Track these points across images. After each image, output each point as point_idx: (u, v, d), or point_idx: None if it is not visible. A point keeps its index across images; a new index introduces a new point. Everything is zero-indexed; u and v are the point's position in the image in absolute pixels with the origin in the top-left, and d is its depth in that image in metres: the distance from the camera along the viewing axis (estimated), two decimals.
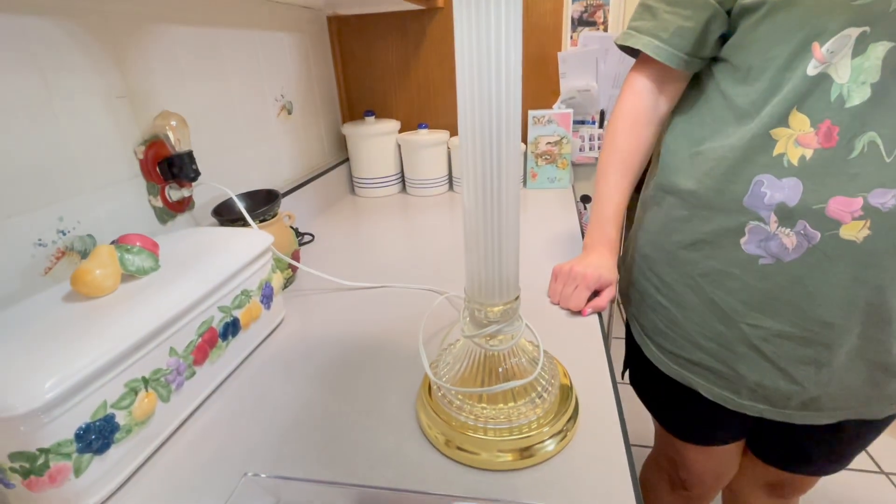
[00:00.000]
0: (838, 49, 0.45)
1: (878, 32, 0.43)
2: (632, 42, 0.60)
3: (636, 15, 0.61)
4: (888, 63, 0.43)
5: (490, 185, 0.33)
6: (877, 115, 0.44)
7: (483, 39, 0.30)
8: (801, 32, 0.46)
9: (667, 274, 0.62)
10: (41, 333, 0.38)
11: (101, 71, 0.58)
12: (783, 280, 0.51)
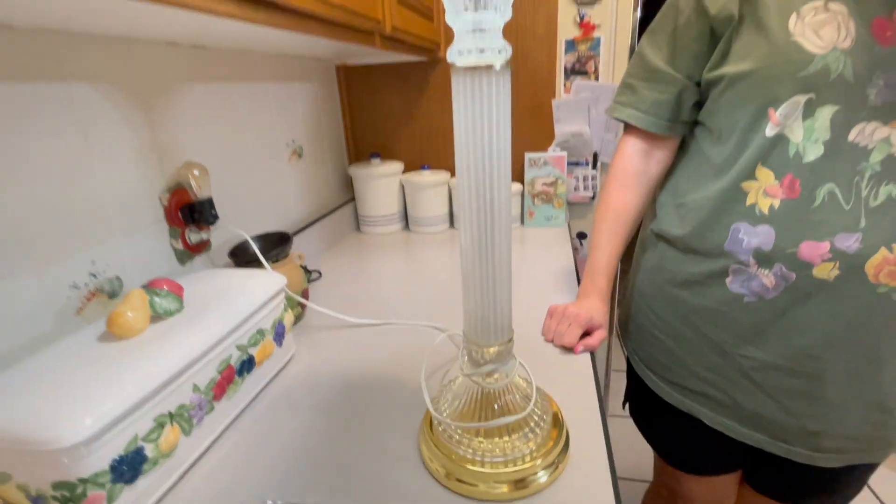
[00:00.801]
0: (790, 113, 0.50)
1: (822, 98, 0.49)
2: (617, 114, 0.68)
3: (619, 91, 0.68)
4: (835, 123, 0.49)
5: (485, 247, 0.38)
6: (832, 169, 0.50)
7: (478, 126, 0.35)
8: (757, 100, 0.52)
9: (662, 310, 0.66)
10: (81, 372, 0.42)
11: (134, 127, 0.64)
12: (768, 315, 0.56)
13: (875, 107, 0.48)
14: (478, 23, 0.34)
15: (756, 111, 0.53)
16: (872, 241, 0.49)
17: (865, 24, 0.47)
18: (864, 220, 0.49)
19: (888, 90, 0.47)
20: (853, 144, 0.49)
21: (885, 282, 0.49)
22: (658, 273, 0.67)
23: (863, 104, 0.48)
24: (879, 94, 0.47)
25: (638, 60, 0.66)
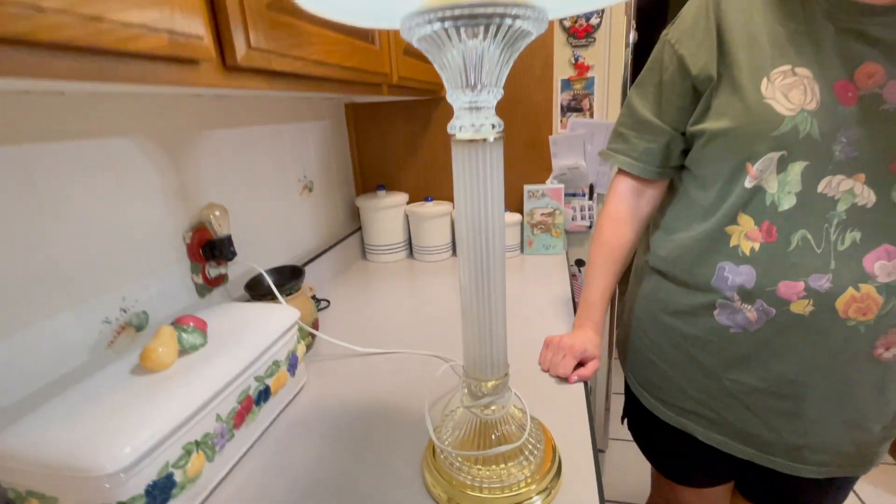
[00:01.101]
0: (766, 168, 0.56)
1: (793, 155, 0.54)
2: (611, 161, 0.74)
3: (612, 139, 0.75)
4: (805, 177, 0.54)
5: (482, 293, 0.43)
6: (804, 217, 0.55)
7: (475, 187, 0.40)
8: (736, 155, 0.58)
9: (656, 335, 0.71)
10: (118, 403, 0.47)
11: (162, 171, 0.70)
12: (752, 345, 0.61)
13: (840, 162, 0.53)
14: (474, 102, 0.40)
15: (736, 165, 0.58)
16: (841, 281, 0.54)
17: (828, 87, 0.53)
18: (833, 262, 0.54)
19: (850, 147, 0.52)
20: (822, 195, 0.54)
21: (854, 317, 0.54)
22: (652, 302, 0.72)
23: (829, 160, 0.53)
24: (843, 151, 0.53)
25: (627, 111, 0.72)
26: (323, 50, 0.54)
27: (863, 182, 0.52)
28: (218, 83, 0.40)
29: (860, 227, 0.53)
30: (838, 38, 0.53)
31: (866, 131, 0.52)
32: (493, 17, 0.34)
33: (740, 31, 0.58)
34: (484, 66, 0.38)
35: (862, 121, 0.52)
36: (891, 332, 0.54)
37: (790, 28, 0.56)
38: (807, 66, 0.54)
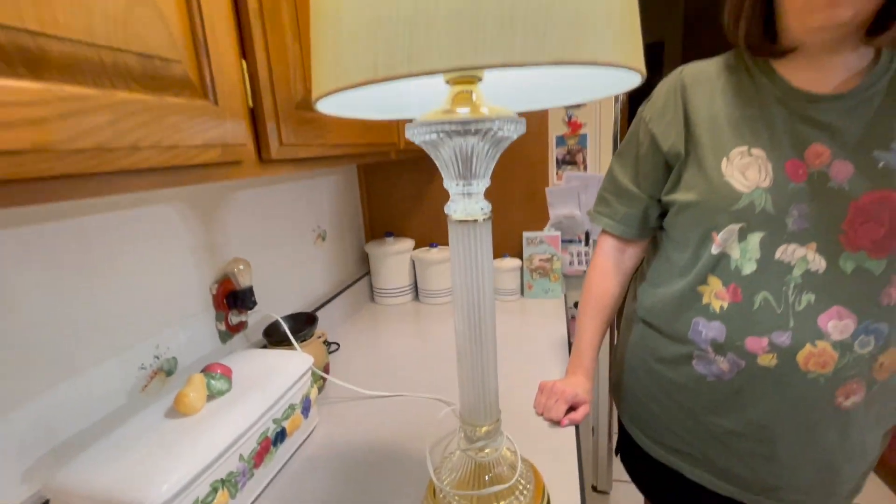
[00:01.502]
0: (728, 237, 0.63)
1: (752, 226, 0.61)
2: (596, 222, 0.82)
3: (596, 203, 0.83)
4: (763, 245, 0.61)
5: (476, 352, 0.50)
6: (764, 280, 0.61)
7: (468, 259, 0.48)
8: (703, 225, 0.65)
9: (644, 378, 0.77)
10: (156, 444, 0.53)
11: (193, 230, 0.79)
12: (726, 392, 0.66)
13: (793, 232, 0.59)
14: (466, 190, 0.48)
15: (703, 233, 0.65)
16: (800, 338, 0.59)
17: (781, 165, 0.60)
18: (792, 321, 0.60)
19: (802, 219, 0.59)
20: (779, 261, 0.60)
21: (814, 369, 0.60)
22: (641, 348, 0.78)
23: (783, 230, 0.60)
24: (795, 223, 0.59)
25: (609, 178, 0.80)
26: (340, 134, 0.63)
27: (814, 250, 0.59)
28: (255, 174, 0.49)
29: (814, 290, 0.59)
30: (789, 122, 0.61)
31: (815, 206, 0.59)
32: (480, 130, 0.43)
33: (704, 115, 0.66)
34: (473, 162, 0.47)
35: (811, 196, 0.59)
36: (848, 383, 0.60)
37: (747, 112, 0.64)
38: (762, 147, 0.62)
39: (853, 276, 0.58)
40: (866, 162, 0.57)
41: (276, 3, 0.49)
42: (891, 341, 0.59)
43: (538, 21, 0.31)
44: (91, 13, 0.29)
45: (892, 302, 0.58)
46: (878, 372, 0.60)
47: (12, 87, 0.25)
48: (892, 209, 0.56)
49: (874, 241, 0.57)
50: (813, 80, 0.61)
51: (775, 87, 0.63)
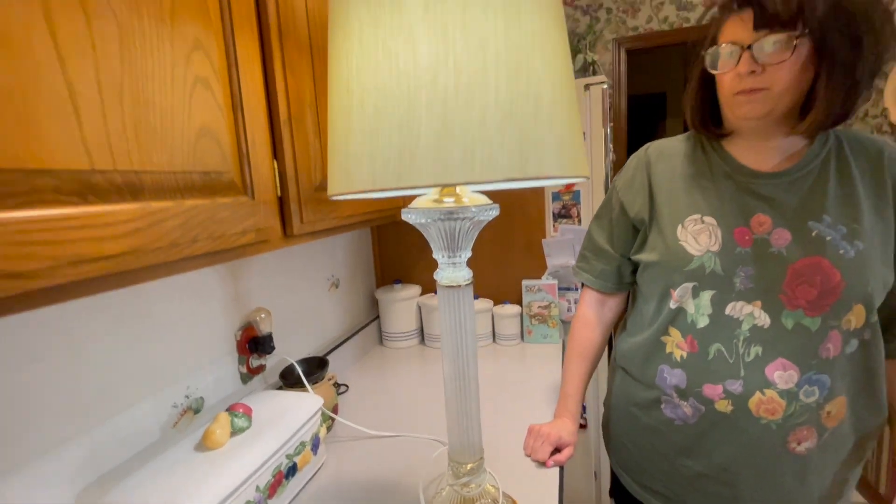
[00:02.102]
0: (684, 294, 0.71)
1: (703, 285, 0.70)
2: (577, 277, 0.92)
3: (578, 259, 0.93)
4: (714, 302, 0.69)
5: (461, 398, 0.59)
6: (717, 333, 0.69)
7: (454, 317, 0.58)
8: (662, 282, 0.74)
9: (625, 422, 0.84)
10: (188, 474, 0.62)
11: (226, 286, 0.90)
12: (692, 436, 0.73)
13: (740, 291, 0.68)
14: (452, 260, 0.58)
15: (663, 289, 0.74)
16: (750, 386, 0.67)
17: (729, 232, 0.70)
18: (742, 370, 0.67)
19: (747, 279, 0.68)
20: (729, 317, 0.68)
21: (765, 416, 0.66)
22: (621, 393, 0.85)
23: (731, 289, 0.68)
24: (742, 283, 0.68)
25: (588, 238, 0.90)
26: (351, 208, 0.75)
27: (759, 307, 0.67)
28: (280, 247, 0.60)
29: (761, 343, 0.67)
30: (737, 194, 0.71)
31: (759, 268, 0.67)
32: (462, 216, 0.54)
33: (664, 186, 0.77)
34: (457, 239, 0.57)
35: (755, 259, 0.67)
36: (799, 430, 0.66)
37: (701, 184, 0.74)
38: (712, 216, 0.71)
39: (793, 331, 0.65)
40: (801, 231, 0.66)
41: (301, 110, 0.62)
42: (835, 392, 0.66)
43: (492, 151, 0.42)
44: (172, 150, 0.41)
45: (831, 356, 0.65)
46: (828, 420, 0.66)
47: (120, 209, 0.36)
48: (822, 273, 0.64)
49: (808, 301, 0.65)
50: (755, 159, 0.71)
51: (725, 163, 0.73)
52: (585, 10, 2.26)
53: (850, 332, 0.65)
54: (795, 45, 0.59)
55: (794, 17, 0.59)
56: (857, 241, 0.64)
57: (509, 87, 0.43)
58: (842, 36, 0.58)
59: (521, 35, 0.43)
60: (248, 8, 0.51)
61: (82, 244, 0.33)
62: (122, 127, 0.36)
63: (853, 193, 0.66)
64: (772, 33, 0.60)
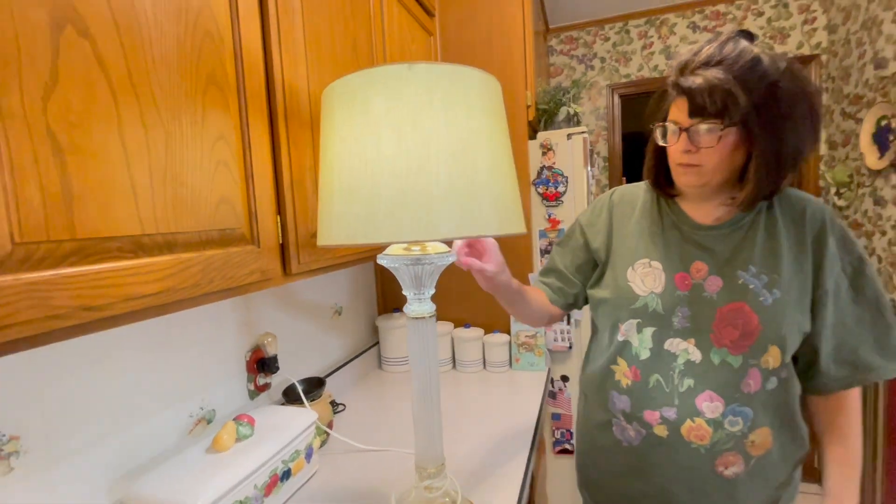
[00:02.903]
0: (629, 329, 0.82)
1: (645, 322, 0.80)
2: (536, 285, 1.00)
3: (542, 273, 1.01)
4: (655, 338, 0.79)
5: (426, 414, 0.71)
6: (656, 365, 0.79)
7: (421, 346, 0.70)
8: (612, 317, 0.84)
9: (586, 443, 0.93)
10: (198, 471, 0.75)
11: (237, 313, 1.05)
12: (637, 456, 0.81)
13: (678, 329, 0.77)
14: (418, 296, 0.71)
15: (612, 324, 0.85)
16: (682, 414, 0.75)
17: (671, 276, 0.80)
18: (676, 399, 0.76)
19: (684, 319, 0.77)
20: (667, 351, 0.78)
21: (695, 441, 0.75)
22: (583, 416, 0.94)
23: (670, 327, 0.78)
24: (679, 322, 0.77)
25: (551, 260, 1.00)
26: (340, 251, 0.89)
27: (693, 344, 0.76)
28: (281, 284, 0.74)
29: (693, 376, 0.75)
30: (681, 243, 0.81)
31: (694, 310, 0.76)
32: (427, 263, 0.67)
33: (621, 231, 0.88)
34: (423, 279, 0.70)
35: (692, 302, 0.77)
36: (725, 455, 0.74)
37: (652, 231, 0.84)
38: (659, 261, 0.82)
39: (720, 367, 0.74)
40: (731, 278, 0.75)
41: (302, 174, 0.77)
42: (757, 423, 0.73)
43: (435, 217, 0.55)
44: (198, 216, 0.56)
45: (752, 390, 0.73)
46: (752, 448, 0.74)
47: (159, 261, 0.51)
48: (744, 316, 0.73)
49: (732, 341, 0.74)
50: (699, 214, 0.81)
51: (674, 215, 0.84)
52: (581, 60, 2.43)
53: (768, 370, 0.73)
54: (721, 135, 0.68)
55: (720, 111, 0.67)
56: (775, 290, 0.73)
57: (449, 169, 0.56)
58: (764, 128, 0.67)
59: (459, 131, 0.57)
60: (260, 100, 0.67)
61: (133, 286, 0.48)
62: (164, 202, 0.51)
63: (777, 246, 0.75)
64: (703, 122, 0.69)
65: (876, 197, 1.83)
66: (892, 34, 1.71)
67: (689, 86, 0.69)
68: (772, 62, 0.67)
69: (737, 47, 0.68)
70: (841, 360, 0.76)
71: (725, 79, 0.66)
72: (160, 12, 0.51)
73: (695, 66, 0.70)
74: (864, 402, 1.63)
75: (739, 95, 0.65)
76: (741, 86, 0.66)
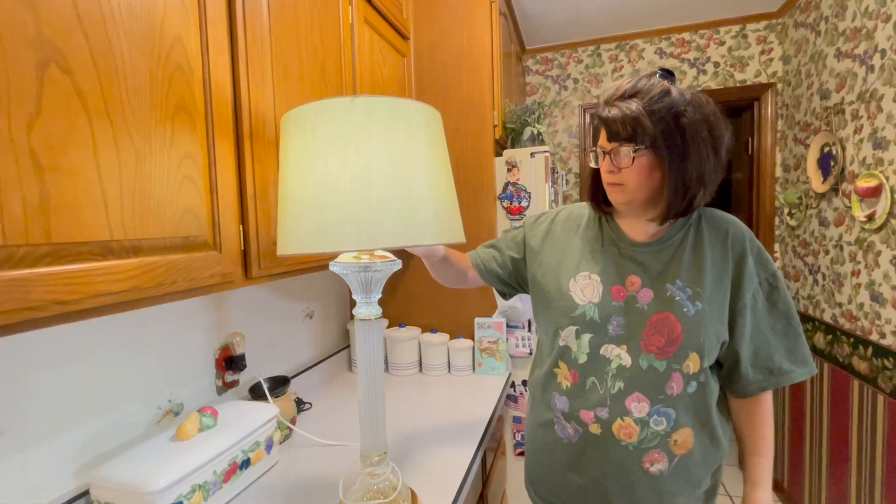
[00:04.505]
0: (569, 335, 0.89)
1: (583, 329, 0.86)
2: (471, 256, 1.08)
3: (484, 245, 1.09)
4: (592, 344, 0.85)
5: (371, 407, 0.79)
6: (592, 369, 0.85)
7: (367, 346, 0.78)
8: (553, 323, 0.91)
9: (532, 441, 0.99)
10: (161, 456, 0.81)
11: (208, 313, 1.12)
12: (574, 453, 0.88)
13: (612, 336, 0.84)
14: (366, 300, 0.80)
15: (554, 329, 0.91)
16: (613, 413, 0.82)
17: (609, 288, 0.86)
18: (608, 400, 0.83)
19: (619, 328, 0.84)
20: (602, 356, 0.84)
21: (624, 439, 0.82)
22: (530, 416, 1.02)
23: (605, 334, 0.84)
24: (614, 330, 0.84)
25: (499, 240, 1.07)
26: (298, 258, 0.97)
27: (625, 350, 0.83)
28: (242, 286, 0.81)
29: (623, 379, 0.82)
30: (618, 258, 0.88)
31: (627, 319, 0.84)
32: (374, 270, 0.75)
33: (565, 245, 0.94)
34: (371, 284, 0.78)
35: (625, 312, 0.84)
36: (651, 453, 0.81)
37: (593, 247, 0.91)
38: (598, 274, 0.89)
39: (647, 371, 0.81)
40: (660, 291, 0.83)
41: (265, 187, 0.85)
42: (680, 423, 0.81)
43: (376, 229, 0.64)
44: (163, 225, 0.64)
45: (675, 393, 0.81)
46: (675, 447, 0.81)
47: (126, 263, 0.59)
48: (669, 326, 0.81)
49: (658, 348, 0.81)
50: (634, 231, 0.89)
51: (612, 232, 0.91)
52: (555, 80, 2.55)
53: (689, 375, 0.81)
54: (634, 157, 0.78)
55: (632, 136, 0.77)
56: (697, 302, 0.81)
57: (388, 188, 0.65)
58: (670, 151, 0.77)
59: (397, 154, 0.66)
60: (227, 122, 0.75)
61: (101, 284, 0.55)
62: (132, 212, 0.59)
63: (702, 262, 0.83)
64: (620, 146, 0.79)
65: (821, 218, 1.95)
66: (834, 68, 1.85)
67: (607, 116, 0.79)
68: (679, 95, 0.77)
69: (650, 82, 0.79)
70: (758, 366, 0.84)
71: (636, 109, 0.76)
72: (135, 50, 0.59)
73: (614, 98, 0.80)
74: (861, 420, 1.74)
75: (646, 123, 0.76)
76: (649, 115, 0.76)
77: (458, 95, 1.65)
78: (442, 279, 1.08)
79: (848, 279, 1.77)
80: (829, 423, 1.89)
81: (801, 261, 2.13)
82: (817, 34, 1.96)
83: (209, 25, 0.71)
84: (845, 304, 1.80)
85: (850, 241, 1.75)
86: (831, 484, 1.88)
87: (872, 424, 1.63)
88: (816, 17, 1.97)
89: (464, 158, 1.66)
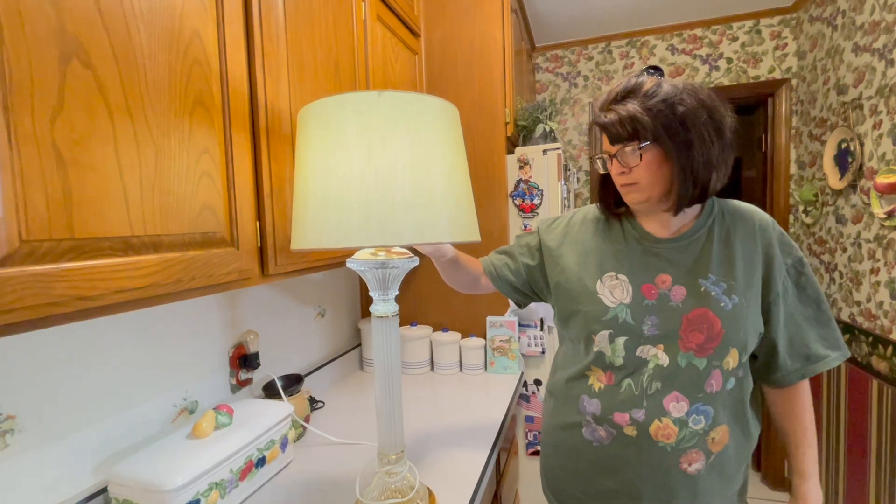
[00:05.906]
0: (602, 340, 0.86)
1: (617, 332, 0.83)
2: (483, 263, 1.06)
3: (498, 251, 1.08)
4: (627, 346, 0.83)
5: (388, 406, 0.78)
6: (628, 370, 0.82)
7: (384, 346, 0.78)
8: (585, 329, 0.88)
9: (553, 445, 0.97)
10: (178, 454, 0.81)
11: (223, 311, 1.12)
12: (607, 456, 0.85)
13: (647, 336, 0.81)
14: (384, 297, 0.79)
15: (587, 336, 0.87)
16: (651, 414, 0.80)
17: (638, 287, 0.84)
18: (645, 401, 0.80)
19: (653, 327, 0.81)
20: (639, 357, 0.82)
21: (662, 440, 0.79)
22: (551, 419, 1.00)
23: (640, 335, 0.82)
24: (649, 330, 0.81)
25: (511, 247, 1.06)
26: (315, 255, 0.96)
27: (662, 350, 0.80)
28: (259, 283, 0.81)
29: (660, 380, 0.80)
30: (644, 256, 0.86)
31: (662, 318, 0.81)
32: (392, 267, 0.74)
33: (584, 247, 0.92)
34: (388, 282, 0.78)
35: (659, 311, 0.82)
36: (689, 453, 0.79)
37: (616, 247, 0.89)
38: (625, 273, 0.86)
39: (686, 369, 0.79)
40: (693, 287, 0.81)
41: (281, 185, 0.84)
42: (717, 420, 0.79)
43: (398, 225, 0.63)
44: (182, 221, 0.63)
45: (714, 391, 0.79)
46: (713, 445, 0.79)
47: (146, 259, 0.58)
48: (708, 322, 0.79)
49: (698, 345, 0.79)
50: (657, 228, 0.87)
51: (635, 230, 0.89)
52: (566, 77, 2.53)
53: (728, 371, 0.80)
54: (641, 153, 0.77)
55: (633, 134, 0.76)
56: (733, 296, 0.79)
57: (412, 185, 0.64)
58: (674, 141, 0.76)
59: (422, 150, 0.65)
60: (244, 118, 0.75)
61: (122, 280, 0.55)
62: (152, 208, 0.59)
63: (732, 255, 0.82)
64: (624, 146, 0.78)
65: (838, 215, 1.92)
66: (852, 62, 1.81)
67: (604, 121, 0.79)
68: (671, 86, 0.77)
69: (640, 80, 0.79)
70: (795, 354, 0.84)
71: (631, 108, 0.76)
72: (154, 44, 0.59)
73: (608, 103, 0.80)
74: (880, 420, 1.72)
75: (645, 119, 0.75)
76: (646, 111, 0.75)
77: (469, 92, 1.64)
78: (453, 283, 1.07)
79: (867, 277, 1.74)
80: (846, 424, 1.86)
81: (818, 259, 2.10)
82: (834, 28, 1.93)
83: (226, 20, 0.71)
84: (864, 302, 1.76)
85: (869, 239, 1.72)
86: (850, 485, 1.85)
87: (893, 424, 1.60)
88: (833, 12, 1.94)
89: (476, 156, 1.65)
